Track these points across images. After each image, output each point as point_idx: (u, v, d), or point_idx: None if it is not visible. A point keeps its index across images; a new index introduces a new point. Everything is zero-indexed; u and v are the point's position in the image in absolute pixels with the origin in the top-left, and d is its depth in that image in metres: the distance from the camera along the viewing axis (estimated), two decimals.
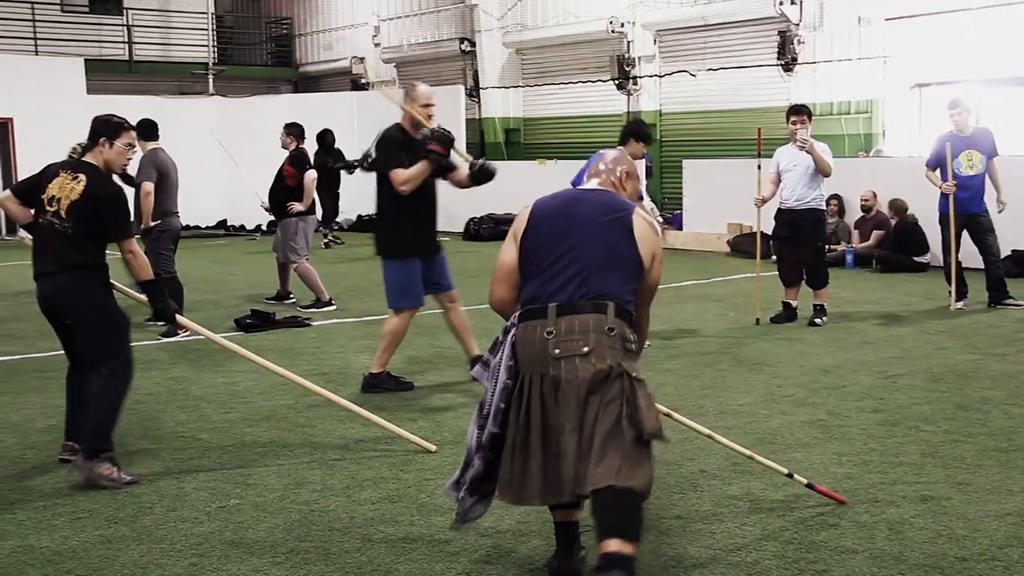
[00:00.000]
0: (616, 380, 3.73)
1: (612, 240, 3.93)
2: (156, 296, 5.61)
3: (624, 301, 3.89)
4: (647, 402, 3.75)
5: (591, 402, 3.72)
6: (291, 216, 10.95)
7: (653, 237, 4.01)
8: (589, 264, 3.90)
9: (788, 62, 17.32)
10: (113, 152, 5.54)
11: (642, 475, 3.66)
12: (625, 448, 3.66)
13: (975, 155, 10.30)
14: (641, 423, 3.68)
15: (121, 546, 4.50)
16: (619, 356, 3.77)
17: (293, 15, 29.32)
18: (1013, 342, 8.75)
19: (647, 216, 4.05)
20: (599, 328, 3.77)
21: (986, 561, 4.23)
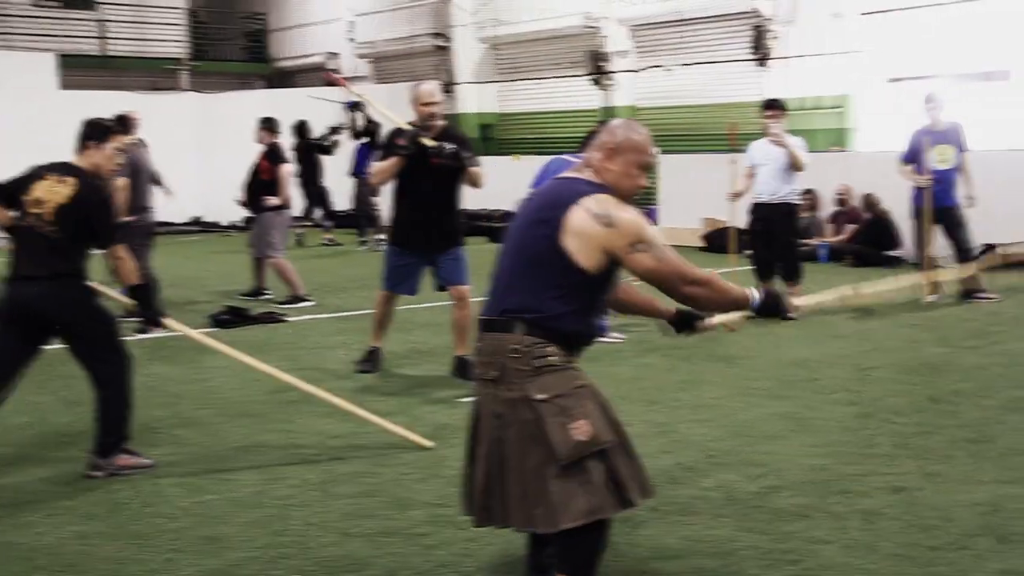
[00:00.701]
0: (523, 409, 3.50)
1: (533, 243, 3.61)
2: (144, 300, 5.59)
3: (541, 313, 3.56)
4: (557, 423, 3.46)
5: (504, 436, 3.55)
6: (267, 211, 10.92)
7: (596, 228, 3.53)
8: (506, 273, 3.70)
9: (762, 57, 17.38)
10: (102, 156, 5.47)
11: (574, 508, 3.44)
12: (544, 486, 3.46)
13: (947, 149, 10.41)
14: (553, 451, 3.45)
15: (97, 542, 4.49)
16: (526, 379, 3.51)
17: (267, 10, 29.20)
18: (984, 335, 8.84)
19: (598, 206, 3.57)
20: (503, 350, 3.56)
21: (957, 550, 4.29)
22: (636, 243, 3.56)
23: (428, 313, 9.92)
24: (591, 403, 3.56)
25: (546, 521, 3.50)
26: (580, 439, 3.46)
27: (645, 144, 3.72)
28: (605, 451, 3.51)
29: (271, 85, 28.09)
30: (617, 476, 3.54)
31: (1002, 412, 6.38)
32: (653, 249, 3.59)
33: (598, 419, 3.54)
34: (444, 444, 5.87)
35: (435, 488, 5.14)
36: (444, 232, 7.49)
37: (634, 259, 3.58)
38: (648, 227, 3.62)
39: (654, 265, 3.59)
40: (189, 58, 26.42)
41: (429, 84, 7.60)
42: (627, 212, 3.60)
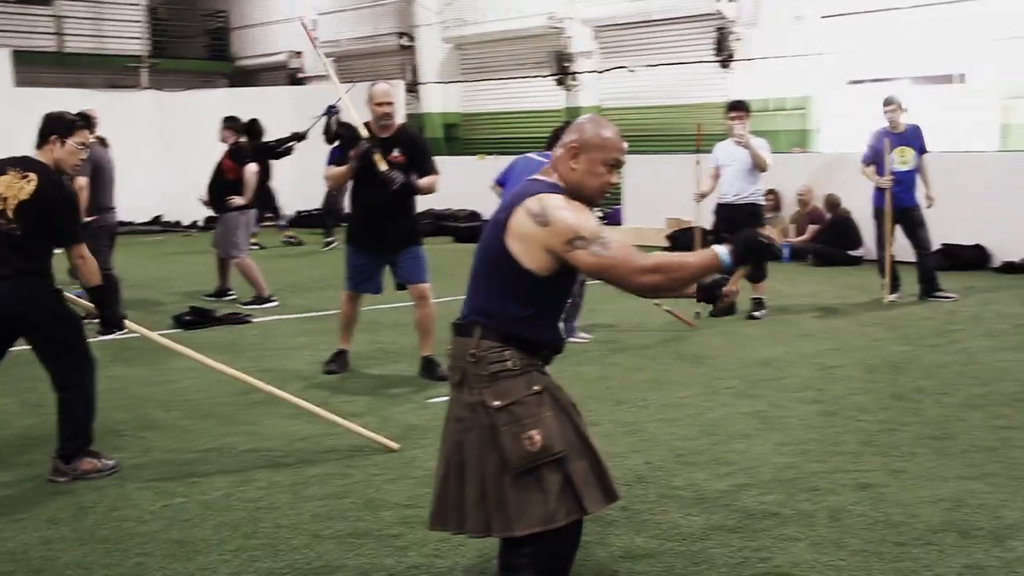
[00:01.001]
0: (481, 414, 3.47)
1: (490, 245, 3.54)
2: (105, 302, 5.52)
3: (498, 319, 3.51)
4: (510, 432, 3.43)
5: (464, 441, 3.53)
6: (231, 211, 10.85)
7: (534, 229, 3.42)
8: (472, 276, 3.66)
9: (725, 58, 17.50)
10: (64, 151, 5.30)
11: (529, 515, 3.42)
12: (502, 493, 3.45)
13: (907, 151, 10.53)
14: (507, 458, 3.42)
15: (63, 547, 4.44)
16: (483, 384, 3.47)
17: (228, 8, 29.00)
18: (944, 333, 8.95)
19: (537, 205, 3.45)
20: (463, 355, 3.53)
21: (922, 546, 4.34)
22: (573, 240, 3.40)
23: (395, 314, 9.90)
24: (547, 410, 3.51)
25: (501, 527, 3.48)
26: (530, 449, 3.43)
27: (612, 141, 3.58)
28: (561, 459, 3.47)
29: (233, 84, 27.91)
30: (573, 483, 3.50)
31: (963, 409, 6.46)
32: (592, 244, 3.40)
33: (552, 427, 3.49)
34: (413, 445, 5.88)
35: (405, 489, 5.13)
36: (401, 231, 7.48)
37: (575, 256, 3.42)
38: (587, 223, 3.44)
39: (595, 260, 3.41)
40: (149, 55, 26.19)
41: (383, 84, 7.59)
42: (564, 210, 3.44)
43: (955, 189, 12.05)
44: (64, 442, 5.32)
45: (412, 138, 7.68)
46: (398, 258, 7.54)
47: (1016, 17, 13.71)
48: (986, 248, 13.06)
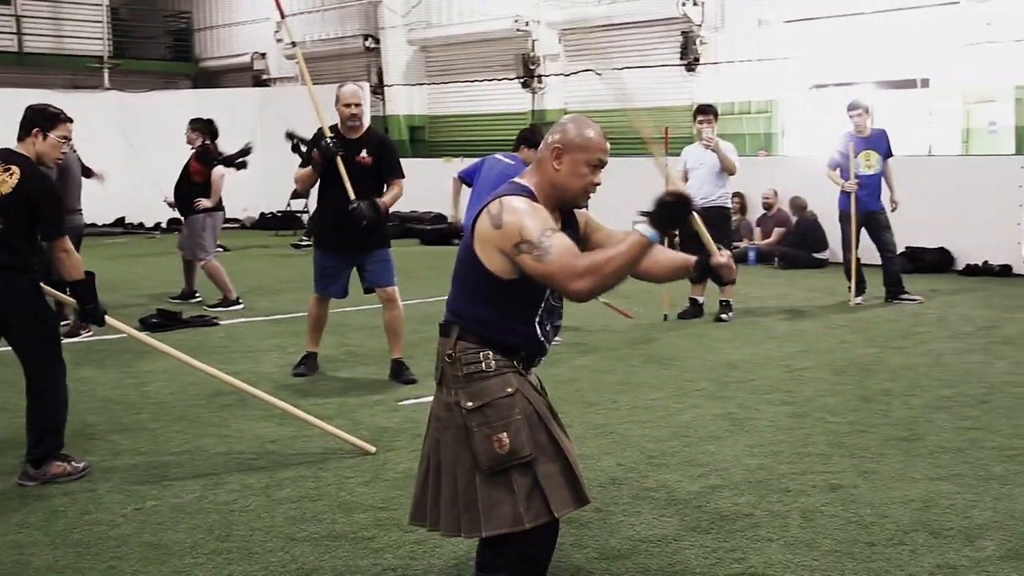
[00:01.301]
0: (457, 414, 3.51)
1: (463, 251, 3.57)
2: (87, 297, 5.40)
3: (471, 322, 3.53)
4: (481, 434, 3.46)
5: (441, 439, 3.58)
6: (198, 213, 10.77)
7: (490, 231, 3.43)
8: (452, 278, 3.67)
9: (691, 62, 17.61)
10: (47, 144, 5.26)
11: (498, 516, 3.45)
12: (473, 493, 3.48)
13: (873, 155, 10.63)
14: (477, 459, 3.46)
15: (34, 551, 4.40)
16: (459, 385, 3.51)
17: (192, 9, 28.82)
18: (910, 335, 9.05)
19: (496, 207, 3.46)
20: (442, 354, 3.58)
21: (894, 546, 4.39)
22: (519, 243, 3.37)
23: (363, 316, 9.89)
24: (518, 412, 3.51)
25: (470, 527, 3.51)
26: (499, 451, 3.45)
27: (596, 141, 3.58)
28: (530, 462, 3.49)
29: (196, 85, 27.74)
30: (542, 487, 3.50)
31: (930, 411, 6.53)
32: (535, 249, 3.34)
33: (522, 429, 3.50)
34: (385, 447, 5.87)
35: (379, 492, 5.12)
36: (367, 234, 7.45)
37: (521, 260, 3.39)
38: (535, 227, 3.38)
39: (535, 265, 3.36)
40: (110, 56, 25.97)
41: (351, 86, 7.59)
42: (516, 214, 3.40)
43: (919, 193, 12.21)
44: (33, 447, 5.26)
45: (379, 140, 7.67)
46: (366, 261, 7.51)
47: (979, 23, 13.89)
48: (949, 251, 13.23)
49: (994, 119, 14.05)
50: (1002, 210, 12.81)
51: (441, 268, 14.24)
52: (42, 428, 5.27)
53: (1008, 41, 13.69)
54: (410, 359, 7.74)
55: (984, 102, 14.18)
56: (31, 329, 5.24)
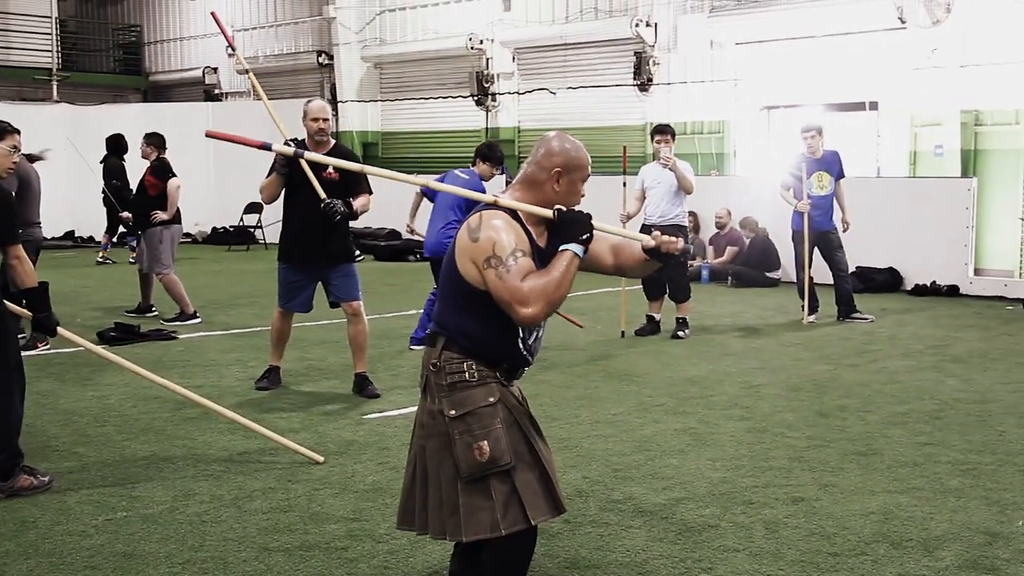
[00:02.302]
0: (440, 422, 3.62)
1: (446, 264, 3.69)
2: (40, 306, 5.40)
3: (455, 333, 3.65)
4: (463, 441, 3.57)
5: (427, 446, 3.68)
6: (155, 226, 10.72)
7: (468, 244, 3.55)
8: (438, 290, 3.82)
9: (644, 82, 17.80)
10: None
11: (477, 522, 3.56)
12: (455, 498, 3.58)
13: (825, 176, 10.85)
14: (458, 465, 3.57)
15: (7, 561, 4.39)
16: (443, 393, 3.62)
17: (142, 22, 28.62)
18: (863, 353, 9.23)
19: (476, 221, 3.58)
20: (427, 363, 3.70)
21: (856, 556, 4.51)
22: (488, 258, 3.49)
23: (322, 331, 9.90)
24: (499, 422, 3.61)
25: (454, 531, 3.61)
26: (479, 459, 3.55)
27: (586, 159, 3.75)
28: (508, 470, 3.59)
29: (146, 99, 27.54)
30: (519, 495, 3.61)
31: (886, 426, 6.69)
32: (500, 267, 3.48)
33: (502, 439, 3.60)
34: (353, 460, 5.90)
35: (349, 503, 5.16)
36: (333, 248, 7.47)
37: (486, 275, 3.51)
38: (505, 243, 3.49)
39: (495, 282, 3.48)
40: (59, 68, 25.71)
41: (319, 101, 7.64)
42: (493, 229, 3.52)
43: (869, 213, 12.49)
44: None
45: (345, 155, 7.69)
46: (331, 275, 7.53)
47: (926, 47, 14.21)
48: (899, 271, 13.50)
49: (940, 142, 14.36)
50: (950, 231, 13.13)
51: (397, 284, 14.36)
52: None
53: (954, 67, 14.02)
54: (371, 373, 7.78)
55: (931, 125, 14.49)
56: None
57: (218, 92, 25.56)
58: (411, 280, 14.76)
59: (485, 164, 9.19)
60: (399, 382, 7.97)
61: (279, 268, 7.65)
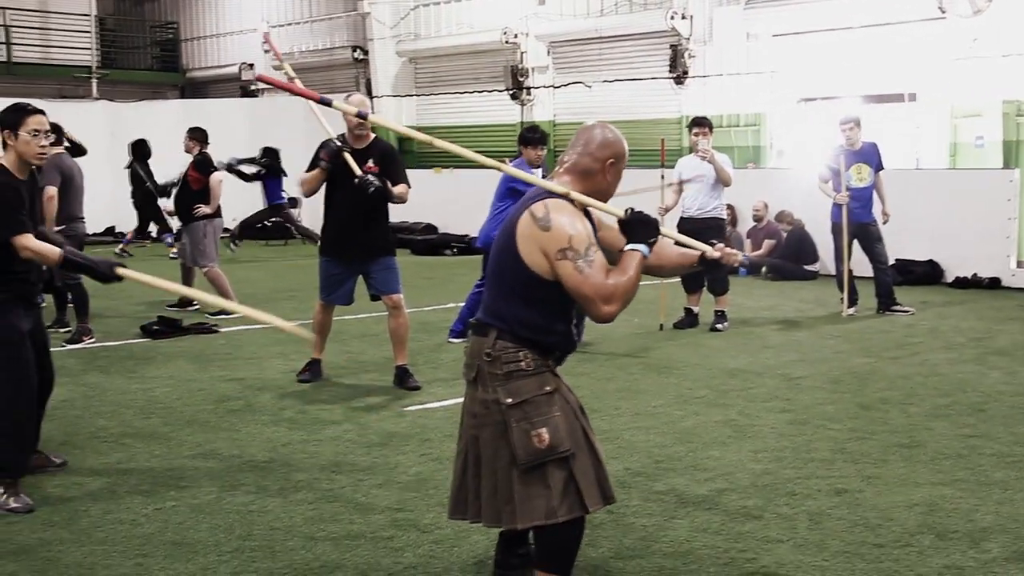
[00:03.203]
0: (495, 411, 3.65)
1: (501, 250, 3.71)
2: (83, 268, 5.20)
3: (511, 322, 3.67)
4: (520, 429, 3.60)
5: (480, 436, 3.71)
6: (198, 220, 10.83)
7: (537, 232, 3.58)
8: (487, 279, 3.85)
9: (679, 75, 17.75)
10: (20, 143, 5.04)
11: (532, 509, 3.60)
12: (511, 486, 3.62)
13: (864, 168, 10.78)
14: (515, 453, 3.60)
15: (62, 548, 4.47)
16: (498, 383, 3.65)
17: (179, 19, 28.85)
18: (904, 346, 9.18)
19: (541, 210, 3.62)
20: (479, 353, 3.70)
21: (901, 547, 4.50)
22: (564, 249, 3.54)
23: (362, 324, 9.96)
24: (556, 409, 3.67)
25: (509, 519, 3.66)
26: (538, 446, 3.59)
27: (627, 149, 3.87)
28: (566, 458, 3.63)
29: (183, 95, 27.76)
30: (576, 482, 3.65)
31: (928, 419, 6.66)
32: (579, 259, 3.53)
33: (561, 426, 3.65)
34: (396, 451, 5.95)
35: (393, 494, 5.20)
36: (373, 241, 7.53)
37: (560, 266, 3.55)
38: (582, 236, 3.57)
39: (574, 275, 3.54)
40: (99, 66, 25.98)
41: (359, 95, 7.70)
42: (567, 217, 3.59)
43: (908, 206, 12.39)
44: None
45: (386, 149, 7.73)
46: (372, 269, 7.58)
47: (967, 37, 14.08)
48: (939, 264, 13.40)
49: (981, 134, 14.23)
50: (991, 223, 13.00)
51: (434, 278, 14.41)
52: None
53: (995, 56, 13.88)
54: (411, 366, 7.83)
55: (971, 116, 14.36)
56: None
57: (254, 88, 25.71)
58: (448, 274, 14.82)
59: (528, 148, 9.18)
60: (439, 375, 8.01)
61: (320, 261, 7.70)
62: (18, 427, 5.06)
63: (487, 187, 9.85)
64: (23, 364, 5.07)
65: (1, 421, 5.04)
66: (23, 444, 5.10)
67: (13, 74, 24.99)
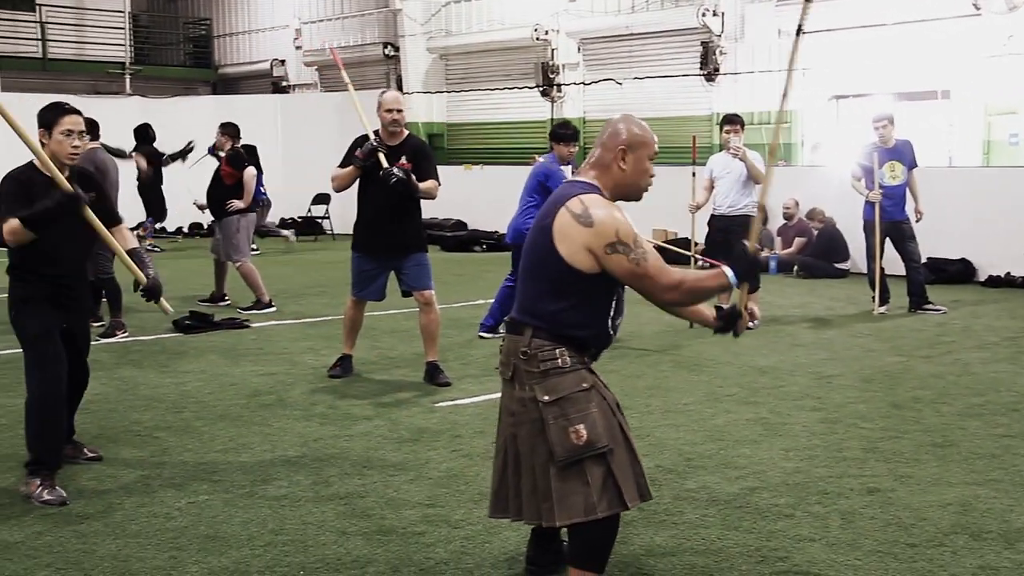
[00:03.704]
0: (532, 408, 3.66)
1: (536, 247, 3.72)
2: (47, 215, 5.02)
3: (547, 319, 3.68)
4: (557, 426, 3.61)
5: (518, 434, 3.72)
6: (231, 215, 10.90)
7: (578, 229, 3.60)
8: (521, 277, 3.84)
9: (711, 72, 17.68)
10: (54, 142, 5.07)
11: (571, 506, 3.60)
12: (549, 483, 3.62)
13: (897, 166, 10.70)
14: (553, 450, 3.60)
15: (97, 541, 4.51)
16: (534, 380, 3.66)
17: (212, 16, 29.02)
18: (936, 345, 9.11)
19: (580, 206, 3.63)
20: (515, 351, 3.71)
21: (934, 547, 4.47)
22: (614, 244, 3.57)
23: (393, 320, 9.99)
24: (594, 406, 3.68)
25: (548, 516, 3.66)
26: (576, 442, 3.60)
27: (651, 136, 3.83)
28: (604, 454, 3.64)
29: (215, 91, 27.93)
30: (615, 478, 3.66)
31: (962, 418, 6.61)
32: (631, 252, 3.58)
33: (598, 422, 3.66)
34: (427, 447, 5.97)
35: (424, 489, 5.22)
36: (406, 237, 7.56)
37: (612, 260, 3.59)
38: (627, 228, 3.62)
39: (631, 268, 3.60)
40: (132, 62, 26.17)
41: (394, 92, 7.72)
42: (607, 211, 3.62)
43: (941, 204, 12.28)
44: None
45: (418, 146, 7.76)
46: (403, 264, 7.60)
47: (1001, 34, 13.95)
48: (972, 262, 13.29)
49: (1016, 131, 14.10)
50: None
51: (464, 274, 14.44)
52: (25, 434, 5.20)
53: None
54: (442, 362, 7.85)
55: (1006, 114, 14.23)
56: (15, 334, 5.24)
57: (285, 84, 25.82)
58: (478, 270, 14.84)
59: (560, 144, 9.19)
60: (469, 371, 8.03)
61: (352, 257, 7.73)
62: (47, 424, 5.13)
63: (517, 183, 9.86)
64: (50, 361, 5.14)
65: (31, 418, 5.13)
66: (54, 440, 5.15)
67: (48, 70, 25.23)
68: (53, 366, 5.14)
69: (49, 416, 5.13)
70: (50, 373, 5.13)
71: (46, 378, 5.11)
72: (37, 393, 5.11)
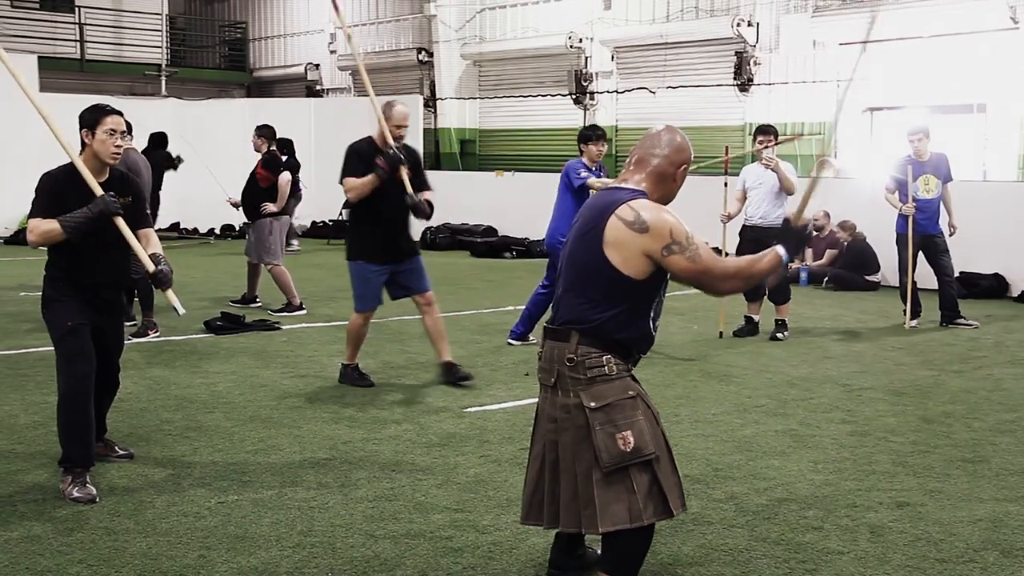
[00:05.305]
0: (577, 415, 3.68)
1: (584, 256, 3.75)
2: (86, 224, 5.13)
3: (593, 324, 3.71)
4: (604, 432, 3.64)
5: (559, 440, 3.74)
6: (264, 217, 10.97)
7: (632, 236, 3.64)
8: (565, 285, 3.85)
9: (744, 82, 17.64)
10: (96, 142, 5.16)
11: (615, 513, 3.63)
12: (591, 490, 3.64)
13: (932, 179, 10.63)
14: (599, 456, 3.63)
15: (128, 538, 4.56)
16: (580, 387, 3.69)
17: (248, 19, 29.24)
18: (967, 359, 9.05)
19: (631, 213, 3.68)
20: (560, 358, 3.73)
21: (964, 563, 4.44)
22: (670, 244, 3.64)
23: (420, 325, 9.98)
24: (640, 413, 3.72)
25: (590, 523, 3.68)
26: (623, 449, 3.64)
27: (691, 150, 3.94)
28: (650, 461, 3.68)
29: (249, 94, 28.12)
30: (660, 486, 3.70)
31: (993, 434, 6.56)
32: (686, 250, 3.66)
33: (645, 430, 3.70)
34: (455, 452, 5.99)
35: (452, 494, 5.24)
36: (408, 243, 7.67)
37: (670, 261, 3.66)
38: (680, 227, 3.68)
39: (688, 265, 3.67)
40: (168, 64, 26.40)
41: (404, 108, 7.65)
42: (658, 214, 3.67)
43: (974, 218, 12.19)
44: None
45: (414, 155, 7.80)
46: (403, 268, 7.63)
47: None
48: (1005, 277, 13.18)
49: None
50: None
51: (493, 280, 14.46)
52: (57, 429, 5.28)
53: None
54: (470, 368, 7.88)
55: None
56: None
57: (319, 88, 25.96)
58: (507, 277, 14.85)
59: (589, 144, 9.20)
60: (499, 377, 8.04)
61: (357, 267, 7.59)
62: (73, 419, 5.19)
63: (548, 190, 9.87)
64: (77, 357, 5.20)
65: (59, 414, 5.22)
66: (80, 436, 5.19)
67: (87, 71, 25.49)
68: (81, 363, 5.21)
69: (75, 412, 5.18)
70: (78, 369, 5.19)
71: (73, 373, 5.18)
72: (64, 389, 5.19)
